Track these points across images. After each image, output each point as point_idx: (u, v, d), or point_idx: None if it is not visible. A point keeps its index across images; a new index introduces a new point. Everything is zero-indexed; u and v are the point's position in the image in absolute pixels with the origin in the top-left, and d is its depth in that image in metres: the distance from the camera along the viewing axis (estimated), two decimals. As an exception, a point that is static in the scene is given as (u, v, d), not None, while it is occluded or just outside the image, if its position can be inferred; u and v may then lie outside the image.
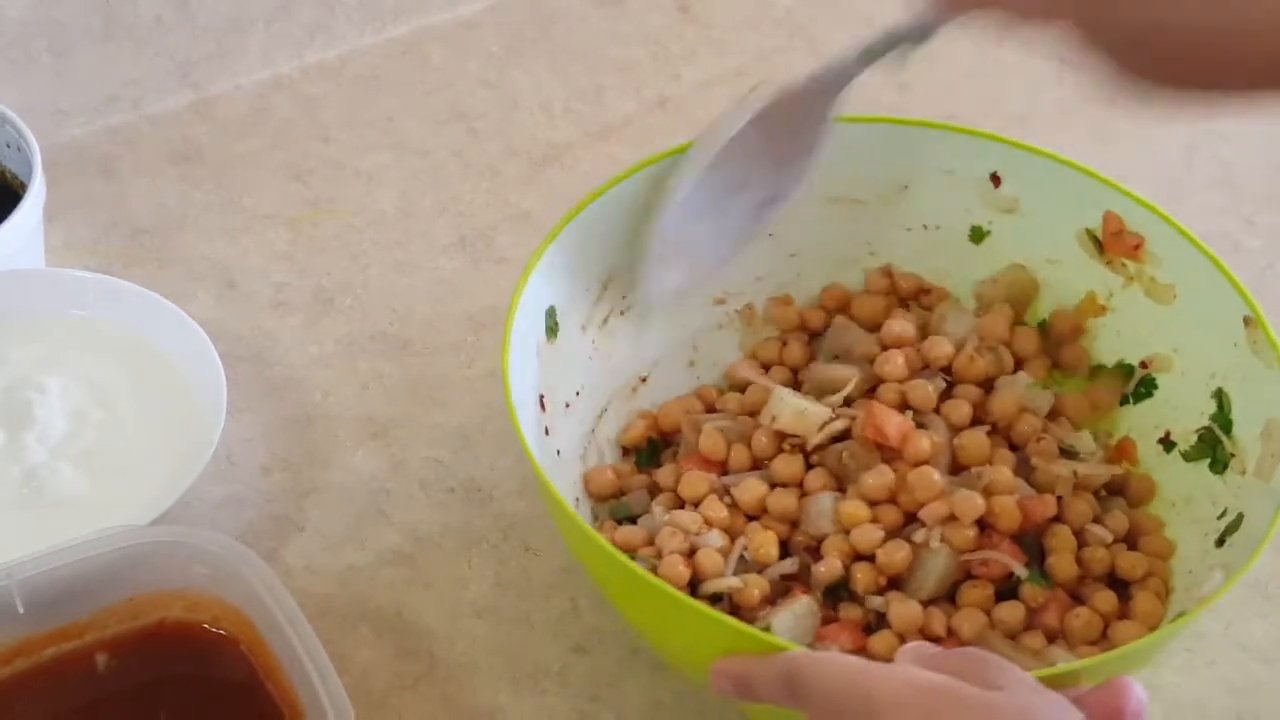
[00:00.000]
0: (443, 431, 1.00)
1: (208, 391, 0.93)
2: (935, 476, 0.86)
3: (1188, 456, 0.91)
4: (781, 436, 0.91)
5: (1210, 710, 0.89)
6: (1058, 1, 0.72)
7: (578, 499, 0.90)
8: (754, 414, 0.92)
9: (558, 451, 0.85)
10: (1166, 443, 0.92)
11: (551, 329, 0.90)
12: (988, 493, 0.87)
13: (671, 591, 0.78)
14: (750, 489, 0.89)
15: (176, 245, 1.10)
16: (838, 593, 0.86)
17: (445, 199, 1.13)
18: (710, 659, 0.78)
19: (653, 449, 0.94)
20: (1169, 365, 0.93)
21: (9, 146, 1.02)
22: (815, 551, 0.87)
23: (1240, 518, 0.86)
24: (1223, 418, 0.90)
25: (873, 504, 0.87)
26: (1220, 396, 0.90)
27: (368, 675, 0.89)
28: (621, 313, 0.94)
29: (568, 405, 0.91)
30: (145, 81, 1.18)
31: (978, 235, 0.97)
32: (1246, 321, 0.88)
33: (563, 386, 0.91)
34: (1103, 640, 0.85)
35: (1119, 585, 0.88)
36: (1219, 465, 0.89)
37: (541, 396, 0.88)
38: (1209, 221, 0.91)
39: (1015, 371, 0.95)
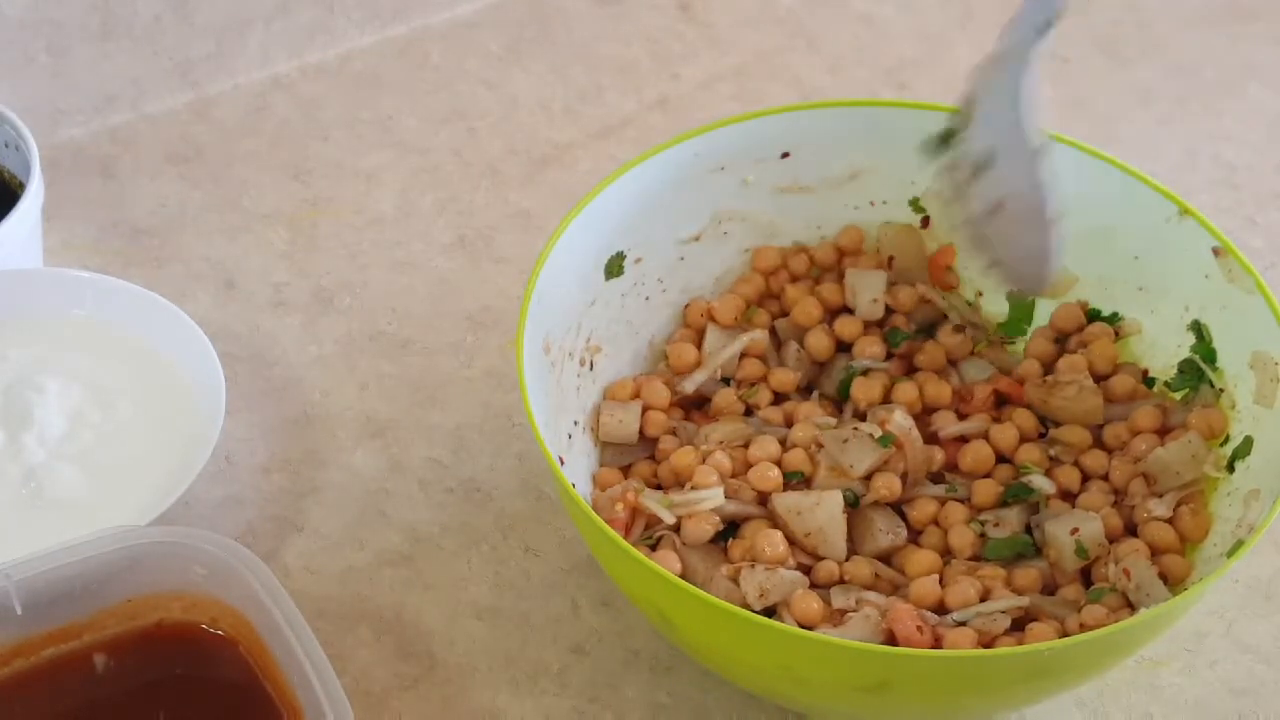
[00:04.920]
0: (442, 431, 1.00)
1: (206, 391, 0.93)
2: None
3: (1172, 386, 0.93)
4: None
5: (1211, 710, 0.89)
6: None
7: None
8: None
9: (573, 484, 0.85)
10: (1145, 380, 0.94)
11: (552, 362, 0.90)
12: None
13: (754, 618, 0.79)
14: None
15: (175, 245, 1.09)
16: None
17: (445, 198, 1.13)
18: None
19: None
20: (1137, 328, 0.95)
21: (7, 146, 1.02)
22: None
23: (1248, 441, 0.87)
24: (1204, 348, 0.92)
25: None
26: (1199, 328, 0.92)
27: (367, 676, 0.89)
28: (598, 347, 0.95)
29: (570, 436, 0.91)
30: (144, 81, 1.18)
31: (918, 207, 1.00)
32: (1216, 252, 0.90)
33: (565, 418, 0.91)
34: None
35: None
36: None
37: None
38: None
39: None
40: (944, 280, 1.00)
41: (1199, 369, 0.92)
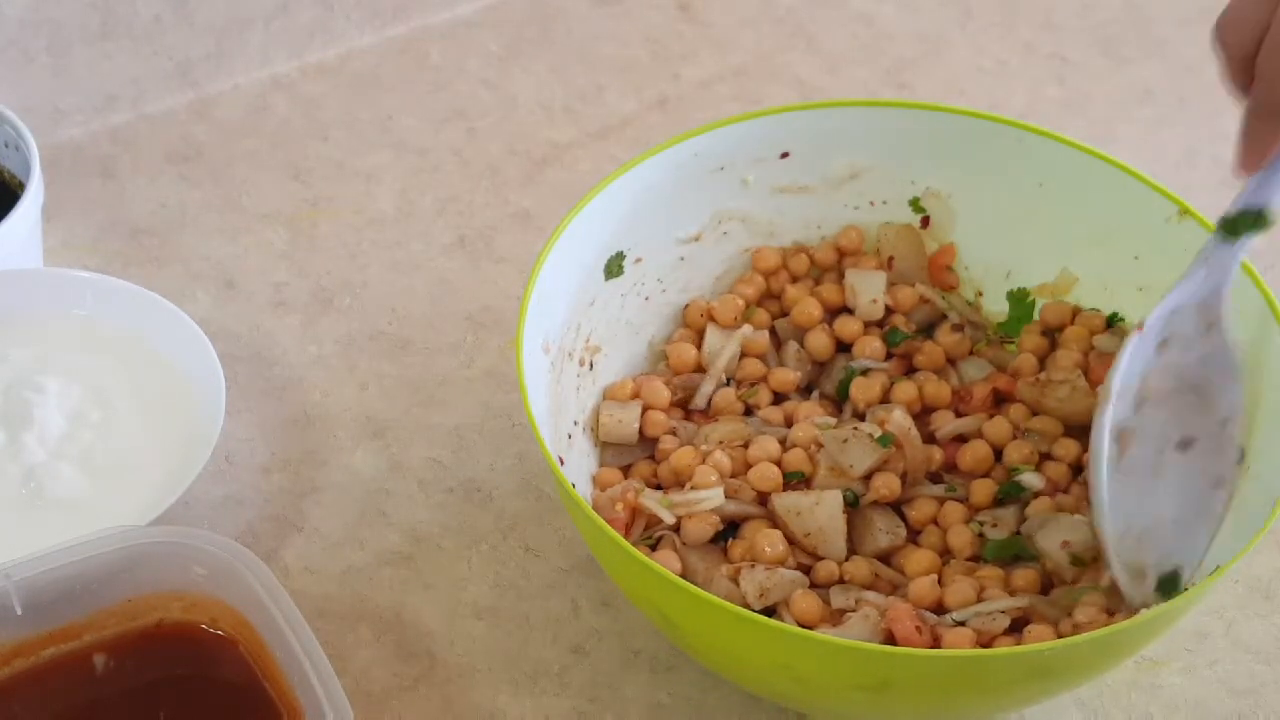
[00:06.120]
0: (442, 431, 1.00)
1: (206, 391, 0.93)
2: None
3: None
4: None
5: (1212, 710, 0.89)
6: None
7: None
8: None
9: (573, 484, 0.85)
10: None
11: (551, 362, 0.90)
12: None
13: (742, 613, 0.79)
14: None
15: (175, 245, 1.09)
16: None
17: (445, 199, 1.13)
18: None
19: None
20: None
21: (7, 146, 1.02)
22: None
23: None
24: None
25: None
26: None
27: (367, 676, 0.89)
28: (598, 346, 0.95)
29: (570, 436, 0.91)
30: (144, 81, 1.18)
31: (918, 207, 1.00)
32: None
33: (565, 418, 0.91)
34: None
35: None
36: None
37: None
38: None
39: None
40: (944, 280, 1.00)
41: None
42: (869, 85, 1.22)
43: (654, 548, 0.88)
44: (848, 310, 0.98)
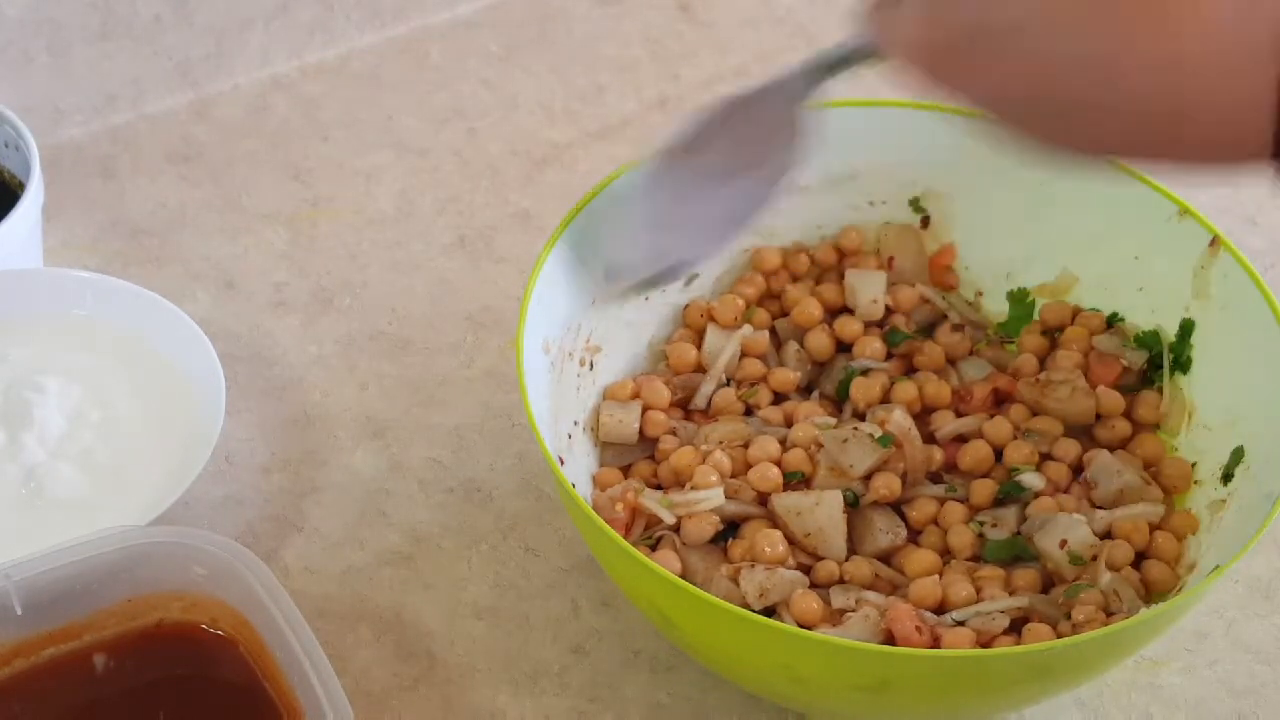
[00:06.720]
0: (442, 431, 1.00)
1: (206, 391, 0.93)
2: None
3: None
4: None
5: (1212, 710, 0.89)
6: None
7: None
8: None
9: (573, 484, 0.85)
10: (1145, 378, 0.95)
11: (551, 362, 0.90)
12: None
13: (743, 613, 0.79)
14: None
15: (175, 245, 1.09)
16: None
17: (445, 198, 1.13)
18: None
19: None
20: (1137, 329, 0.95)
21: (7, 146, 1.02)
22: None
23: (1239, 451, 0.88)
24: (1180, 348, 0.92)
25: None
26: (1188, 327, 0.93)
27: (367, 676, 0.89)
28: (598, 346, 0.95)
29: (570, 436, 0.91)
30: (144, 81, 1.18)
31: (918, 207, 1.00)
32: (1211, 245, 0.91)
33: (565, 418, 0.91)
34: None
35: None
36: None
37: None
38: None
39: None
40: (944, 280, 1.00)
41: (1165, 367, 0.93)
42: (869, 85, 1.22)
43: (654, 548, 0.88)
44: (848, 310, 0.98)
